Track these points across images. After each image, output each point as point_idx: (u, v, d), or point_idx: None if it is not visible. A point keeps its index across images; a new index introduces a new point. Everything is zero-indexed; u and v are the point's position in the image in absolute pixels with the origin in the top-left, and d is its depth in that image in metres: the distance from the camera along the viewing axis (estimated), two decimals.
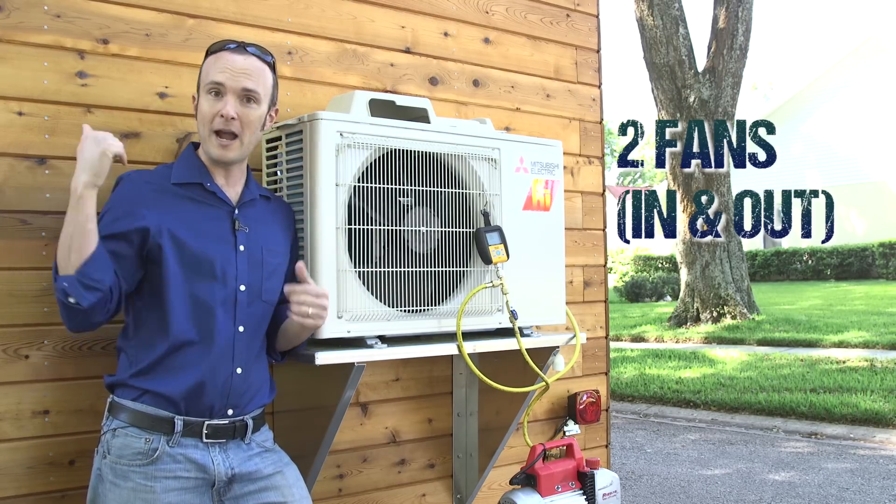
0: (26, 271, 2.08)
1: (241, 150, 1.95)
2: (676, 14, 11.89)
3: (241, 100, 1.91)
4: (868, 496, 5.03)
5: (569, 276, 3.19)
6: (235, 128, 1.91)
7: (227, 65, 1.91)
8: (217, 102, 1.90)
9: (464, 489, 2.88)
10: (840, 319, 11.84)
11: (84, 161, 1.82)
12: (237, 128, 1.91)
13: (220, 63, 1.91)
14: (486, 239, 2.34)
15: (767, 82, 43.04)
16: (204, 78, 1.94)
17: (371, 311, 2.17)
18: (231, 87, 1.90)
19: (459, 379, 2.89)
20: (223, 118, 1.89)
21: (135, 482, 1.81)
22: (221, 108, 1.89)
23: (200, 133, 1.95)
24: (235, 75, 1.90)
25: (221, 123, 1.90)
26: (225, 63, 1.91)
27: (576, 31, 3.31)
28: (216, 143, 1.92)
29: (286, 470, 2.03)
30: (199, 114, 1.94)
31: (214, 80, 1.90)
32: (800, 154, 23.11)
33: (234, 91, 1.90)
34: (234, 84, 1.90)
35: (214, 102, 1.91)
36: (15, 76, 2.09)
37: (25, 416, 2.07)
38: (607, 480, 2.77)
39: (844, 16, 71.44)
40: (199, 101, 1.95)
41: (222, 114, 1.89)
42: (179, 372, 1.86)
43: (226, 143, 1.91)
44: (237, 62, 1.91)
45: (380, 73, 2.75)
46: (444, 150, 2.33)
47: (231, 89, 1.90)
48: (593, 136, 3.37)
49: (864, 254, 19.91)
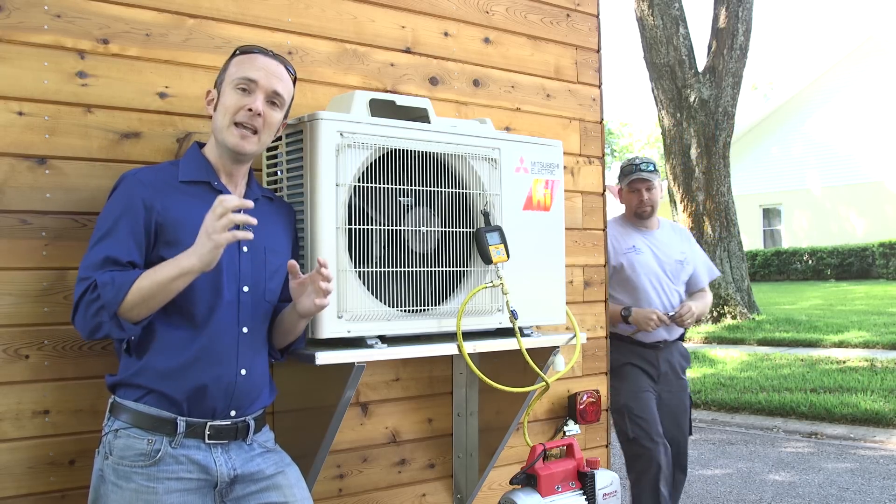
0: (26, 271, 2.08)
1: (257, 145, 1.97)
2: (676, 14, 11.88)
3: (268, 101, 1.96)
4: (868, 496, 5.02)
5: (569, 276, 3.19)
6: (258, 124, 1.94)
7: (261, 65, 1.96)
8: (245, 97, 1.93)
9: (464, 489, 2.88)
10: (840, 319, 11.84)
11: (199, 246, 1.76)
12: (259, 124, 1.94)
13: (255, 63, 1.96)
14: (487, 239, 2.34)
15: (767, 82, 43.03)
16: (233, 73, 1.96)
17: (371, 311, 2.17)
18: (263, 87, 1.95)
19: (459, 379, 2.89)
20: (250, 112, 1.92)
21: (137, 483, 1.81)
22: (250, 102, 1.93)
23: (218, 124, 1.95)
24: (269, 76, 1.96)
25: (246, 116, 1.92)
26: (260, 63, 1.96)
27: (576, 31, 3.31)
28: (236, 132, 1.93)
29: (288, 470, 2.03)
30: (222, 106, 1.95)
31: (249, 76, 1.94)
32: (800, 154, 23.13)
33: (265, 90, 1.95)
34: (266, 84, 1.95)
35: (242, 97, 1.94)
36: (15, 76, 2.09)
37: (26, 416, 2.07)
38: (607, 480, 2.77)
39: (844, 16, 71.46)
40: (221, 96, 1.96)
41: (251, 108, 1.92)
42: (184, 373, 1.86)
43: (246, 133, 1.93)
44: (271, 65, 1.98)
45: (380, 73, 2.75)
46: (445, 150, 2.33)
47: (263, 88, 1.94)
48: (593, 136, 3.37)
49: (864, 254, 19.90)
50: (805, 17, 74.15)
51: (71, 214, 2.14)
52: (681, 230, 4.08)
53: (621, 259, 3.80)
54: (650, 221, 3.92)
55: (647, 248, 3.83)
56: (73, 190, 2.14)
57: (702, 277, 3.98)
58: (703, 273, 3.99)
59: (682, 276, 3.88)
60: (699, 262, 3.99)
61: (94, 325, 1.79)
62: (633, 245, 3.83)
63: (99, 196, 2.15)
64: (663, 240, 3.89)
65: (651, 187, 3.83)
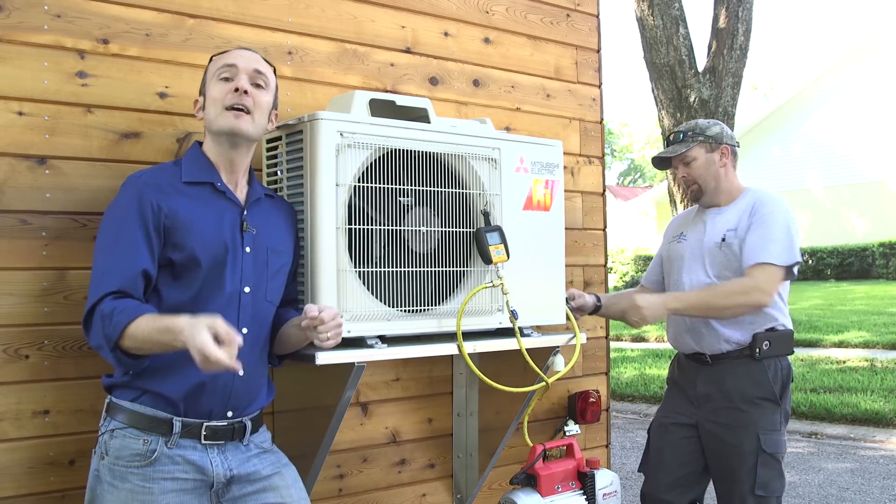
0: (26, 271, 2.08)
1: (252, 125, 1.95)
2: (676, 14, 11.89)
3: (252, 82, 1.96)
4: (868, 496, 5.02)
5: (569, 276, 3.19)
6: (248, 103, 1.94)
7: (240, 53, 2.00)
8: (229, 82, 1.94)
9: (464, 489, 2.88)
10: (840, 319, 11.83)
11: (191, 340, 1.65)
12: (249, 103, 1.94)
13: (230, 54, 1.99)
14: (487, 239, 2.34)
15: (767, 82, 43.05)
16: (213, 69, 1.98)
17: (371, 311, 2.17)
18: (244, 68, 1.96)
19: (459, 379, 2.89)
20: (237, 92, 1.92)
21: (133, 483, 1.81)
22: (235, 83, 1.93)
23: (211, 116, 1.95)
24: (248, 60, 1.98)
25: (235, 97, 1.92)
26: (238, 52, 2.00)
27: (576, 31, 3.31)
28: (229, 114, 1.92)
29: (284, 471, 2.03)
30: (209, 100, 1.96)
31: (227, 62, 1.96)
32: (800, 154, 23.11)
33: (247, 71, 1.96)
34: (246, 65, 1.96)
35: (226, 84, 1.94)
36: (15, 76, 2.09)
37: (25, 416, 2.07)
38: (607, 480, 2.77)
39: (844, 16, 71.47)
40: (207, 93, 1.97)
41: (237, 87, 1.92)
42: (180, 373, 1.85)
43: (239, 113, 1.93)
44: (247, 53, 2.01)
45: (380, 73, 2.75)
46: (445, 150, 2.33)
47: (243, 69, 1.96)
48: (593, 135, 3.37)
49: (864, 254, 19.89)
50: (805, 17, 74.14)
51: (71, 214, 2.14)
52: (755, 200, 2.86)
53: (662, 251, 3.12)
54: (712, 199, 2.92)
55: (696, 234, 2.93)
56: (73, 190, 2.14)
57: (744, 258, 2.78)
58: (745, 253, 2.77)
59: (722, 260, 2.81)
60: (749, 238, 2.77)
61: (97, 348, 1.82)
62: (681, 233, 3.00)
63: (99, 196, 2.15)
64: (720, 219, 2.88)
65: (684, 162, 2.89)
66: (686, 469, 2.85)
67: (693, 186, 2.92)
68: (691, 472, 2.85)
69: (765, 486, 2.70)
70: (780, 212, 2.79)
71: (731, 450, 2.75)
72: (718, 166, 2.89)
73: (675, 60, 12.42)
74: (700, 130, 2.91)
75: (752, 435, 2.71)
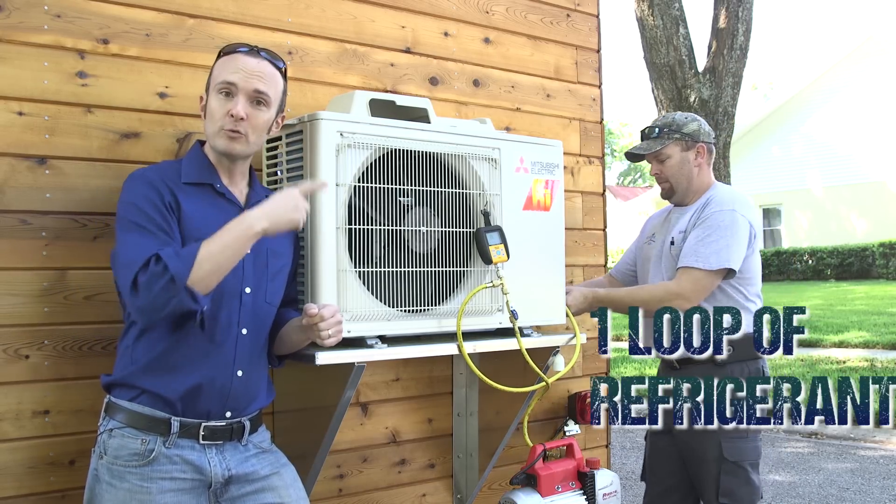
0: (26, 271, 2.08)
1: (247, 146, 1.94)
2: (676, 14, 11.89)
3: (251, 101, 1.91)
4: (868, 496, 5.02)
5: (569, 276, 3.19)
6: (243, 128, 1.91)
7: (240, 66, 1.91)
8: (227, 102, 1.90)
9: (464, 489, 2.88)
10: (840, 319, 11.83)
11: (275, 212, 1.84)
12: (244, 128, 1.91)
13: (232, 64, 1.92)
14: (487, 239, 2.34)
15: (767, 82, 43.04)
16: (215, 78, 1.94)
17: (371, 311, 2.17)
18: (243, 88, 1.90)
19: (459, 379, 2.89)
20: (233, 118, 1.89)
21: (131, 483, 1.81)
22: (232, 107, 1.89)
23: (208, 131, 1.95)
24: (248, 77, 1.90)
25: (231, 123, 1.89)
26: (238, 64, 1.91)
27: (576, 31, 3.31)
28: (224, 135, 1.91)
29: (283, 471, 2.03)
30: (208, 112, 1.93)
31: (227, 79, 1.90)
32: (800, 154, 23.11)
33: (246, 92, 1.90)
34: (246, 85, 1.90)
35: (225, 102, 1.90)
36: (15, 76, 2.09)
37: (26, 416, 2.07)
38: (607, 480, 2.77)
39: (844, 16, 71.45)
40: (208, 101, 1.94)
41: (232, 113, 1.88)
42: (178, 373, 1.85)
43: (233, 136, 1.91)
44: (250, 64, 1.92)
45: (380, 73, 2.75)
46: (445, 150, 2.33)
47: (243, 90, 1.90)
48: (593, 136, 3.37)
49: (864, 254, 19.89)
50: (805, 17, 74.11)
51: (71, 214, 2.14)
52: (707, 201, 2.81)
53: (635, 248, 3.08)
54: (682, 199, 2.87)
55: (661, 235, 2.91)
56: (73, 190, 2.14)
57: (679, 261, 2.73)
58: (680, 255, 2.73)
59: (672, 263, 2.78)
60: (688, 240, 2.74)
61: (165, 300, 1.74)
62: (652, 234, 2.96)
63: (99, 196, 2.15)
64: (681, 220, 2.84)
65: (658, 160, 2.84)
66: (675, 477, 2.84)
67: (665, 184, 2.87)
68: (682, 480, 2.83)
69: (729, 493, 2.67)
70: (727, 214, 2.71)
71: (697, 457, 2.73)
72: (692, 166, 2.83)
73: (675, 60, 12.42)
74: (677, 127, 2.83)
75: (715, 443, 2.66)
